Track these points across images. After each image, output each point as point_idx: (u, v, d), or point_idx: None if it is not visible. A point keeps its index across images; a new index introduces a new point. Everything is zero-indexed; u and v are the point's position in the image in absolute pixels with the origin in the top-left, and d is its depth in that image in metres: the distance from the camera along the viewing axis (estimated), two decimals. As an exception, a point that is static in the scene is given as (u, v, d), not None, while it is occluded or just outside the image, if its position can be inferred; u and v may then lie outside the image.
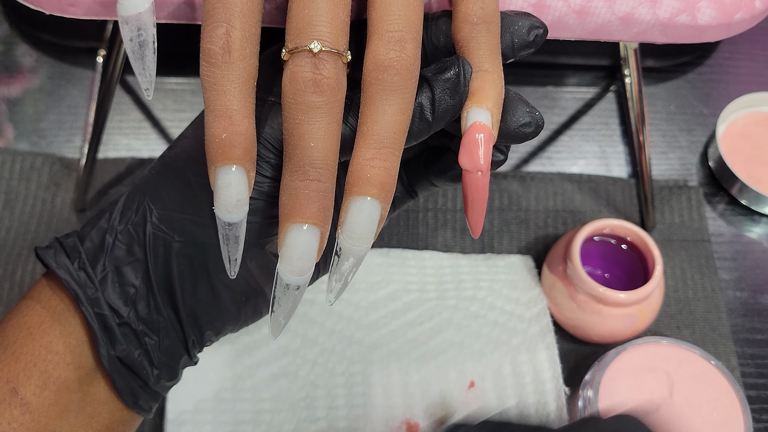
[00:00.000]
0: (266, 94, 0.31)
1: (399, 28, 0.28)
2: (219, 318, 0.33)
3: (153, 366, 0.32)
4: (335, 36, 0.27)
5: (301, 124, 0.27)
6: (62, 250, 0.32)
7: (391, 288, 0.54)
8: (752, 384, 0.53)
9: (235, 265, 0.30)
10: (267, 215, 0.31)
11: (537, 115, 0.31)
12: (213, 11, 0.27)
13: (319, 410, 0.50)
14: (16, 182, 0.56)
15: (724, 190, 0.61)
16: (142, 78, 0.31)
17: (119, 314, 0.31)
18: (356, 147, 0.28)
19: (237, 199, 0.28)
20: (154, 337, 0.32)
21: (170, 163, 0.32)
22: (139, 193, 0.32)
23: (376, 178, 0.28)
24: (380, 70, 0.27)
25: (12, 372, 0.31)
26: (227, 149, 0.27)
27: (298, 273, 0.28)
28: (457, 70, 0.29)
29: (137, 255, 0.31)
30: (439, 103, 0.29)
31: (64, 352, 0.31)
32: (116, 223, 0.32)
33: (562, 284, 0.52)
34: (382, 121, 0.28)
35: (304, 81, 0.27)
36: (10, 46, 0.63)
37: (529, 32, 0.31)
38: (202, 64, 0.28)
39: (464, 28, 0.29)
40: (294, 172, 0.28)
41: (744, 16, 0.39)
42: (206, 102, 0.28)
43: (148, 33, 0.30)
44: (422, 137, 0.30)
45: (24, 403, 0.30)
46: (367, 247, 0.28)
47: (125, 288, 0.31)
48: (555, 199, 0.59)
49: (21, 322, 0.32)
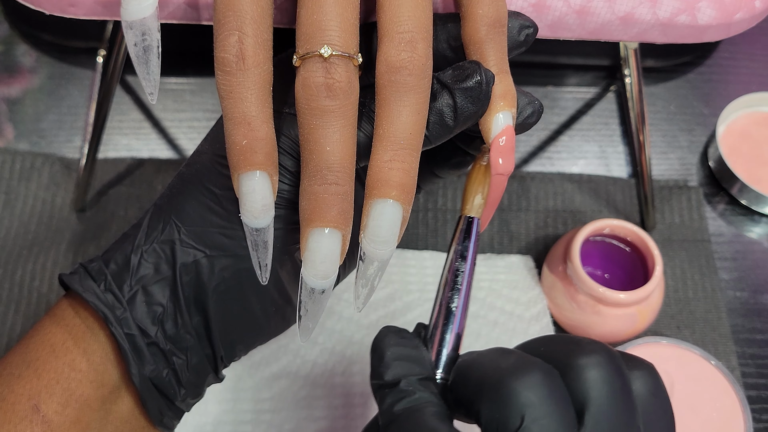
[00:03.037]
0: (281, 106, 0.31)
1: (409, 29, 0.28)
2: (250, 330, 0.33)
3: (180, 385, 0.32)
4: (345, 39, 0.27)
5: (316, 129, 0.27)
6: (87, 274, 0.32)
7: (391, 288, 0.54)
8: (752, 384, 0.53)
9: (266, 271, 0.30)
10: (290, 222, 0.31)
11: (537, 103, 0.31)
12: (224, 20, 0.28)
13: (319, 410, 0.50)
14: (16, 182, 0.56)
15: (724, 190, 0.61)
16: (147, 82, 0.31)
17: (147, 334, 0.31)
18: (374, 150, 0.28)
19: (262, 204, 0.28)
20: (181, 356, 0.31)
21: (192, 179, 0.32)
22: (163, 213, 0.32)
23: (396, 180, 0.28)
24: (393, 71, 0.27)
25: (34, 389, 0.30)
26: (249, 155, 0.28)
27: (322, 277, 0.28)
28: (479, 78, 0.29)
29: (164, 273, 0.31)
30: (461, 111, 0.29)
31: (87, 370, 0.31)
32: (142, 243, 0.31)
33: (562, 284, 0.52)
34: (398, 122, 0.28)
35: (316, 86, 0.27)
36: (10, 46, 0.63)
37: (519, 32, 0.31)
38: (218, 73, 0.28)
39: (482, 30, 0.29)
40: (312, 176, 0.28)
41: (744, 16, 0.39)
42: (224, 110, 0.28)
43: (153, 38, 0.30)
44: (441, 141, 0.30)
45: (46, 421, 0.30)
46: (392, 250, 0.28)
47: (152, 307, 0.31)
48: (555, 199, 0.59)
49: (44, 340, 0.32)
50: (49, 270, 0.53)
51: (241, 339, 0.33)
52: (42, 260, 0.53)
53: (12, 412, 0.30)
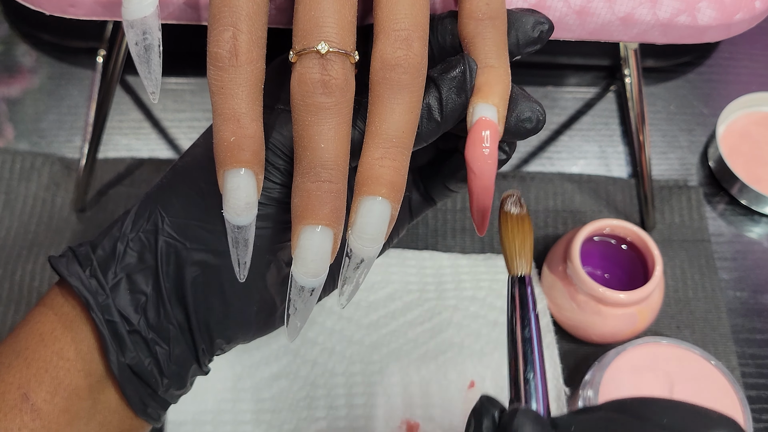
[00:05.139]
0: (274, 102, 0.30)
1: (405, 27, 0.27)
2: (230, 326, 0.32)
3: (162, 375, 0.32)
4: (342, 36, 0.27)
5: (311, 125, 0.27)
6: (75, 258, 0.32)
7: (391, 288, 0.54)
8: (752, 384, 0.53)
9: (245, 269, 0.30)
10: (278, 221, 0.31)
11: (538, 110, 0.30)
12: (219, 15, 0.27)
13: (319, 410, 0.50)
14: (16, 182, 0.56)
15: (724, 190, 0.61)
16: (148, 81, 0.31)
17: (129, 322, 0.31)
18: (365, 146, 0.28)
19: (246, 201, 0.28)
20: (164, 345, 0.32)
21: (182, 171, 0.32)
22: (151, 202, 0.32)
23: (386, 177, 0.27)
24: (388, 69, 0.27)
25: (24, 378, 0.31)
26: (236, 152, 0.27)
27: (312, 275, 0.28)
28: (462, 68, 0.29)
29: (148, 263, 0.31)
30: (446, 102, 0.29)
31: (75, 359, 0.31)
32: (128, 231, 0.32)
33: (562, 284, 0.52)
34: (391, 120, 0.27)
35: (312, 82, 0.27)
36: (10, 46, 0.63)
37: (533, 28, 0.30)
38: (210, 68, 0.28)
39: (470, 25, 0.29)
40: (305, 173, 0.27)
41: (744, 17, 0.39)
42: (214, 106, 0.28)
43: (154, 37, 0.30)
44: (432, 138, 0.30)
45: (35, 409, 0.30)
46: (378, 247, 0.28)
47: (136, 295, 0.31)
48: (555, 199, 0.59)
49: (33, 329, 0.32)
50: (49, 270, 0.53)
51: (221, 334, 0.32)
52: (42, 260, 0.53)
53: (2, 401, 0.30)
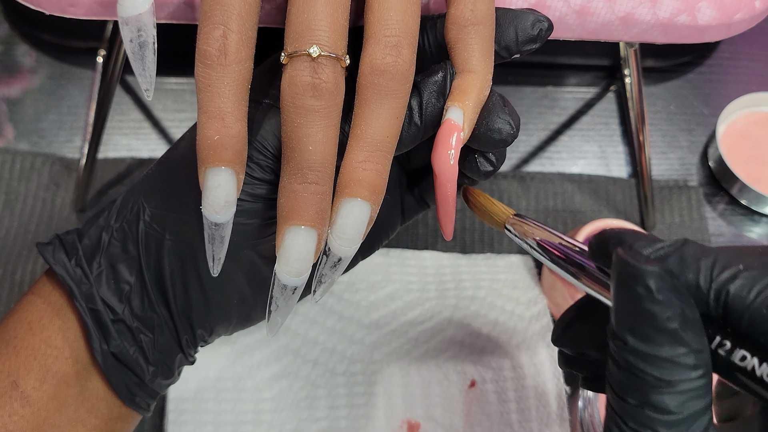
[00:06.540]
0: (261, 96, 0.31)
1: (396, 33, 0.28)
2: (210, 318, 0.33)
3: (148, 363, 0.33)
4: (334, 40, 0.27)
5: (300, 127, 0.27)
6: (61, 246, 0.33)
7: (392, 288, 0.54)
8: (752, 384, 0.53)
9: (219, 264, 0.30)
10: (259, 217, 0.31)
11: (509, 122, 0.30)
12: (210, 13, 0.28)
13: (320, 410, 0.50)
14: (16, 182, 0.56)
15: (724, 190, 0.61)
16: (142, 79, 0.31)
17: (114, 310, 0.32)
18: (348, 149, 0.28)
19: (225, 200, 0.28)
20: (148, 334, 0.32)
21: (166, 163, 0.33)
22: (135, 192, 0.33)
23: (368, 181, 0.28)
24: (376, 74, 0.27)
25: (13, 366, 0.31)
26: (218, 151, 0.28)
27: (295, 274, 0.28)
28: (443, 73, 0.29)
29: (131, 252, 0.32)
30: (426, 106, 0.30)
31: (62, 347, 0.32)
32: (113, 221, 0.32)
33: (561, 284, 0.52)
34: (376, 124, 0.28)
35: (303, 85, 0.27)
36: (10, 46, 0.63)
37: (533, 26, 0.31)
38: (198, 65, 0.28)
39: (452, 30, 0.30)
40: (292, 175, 0.28)
41: (744, 16, 0.39)
42: (199, 103, 0.28)
43: (149, 34, 0.30)
44: (414, 143, 0.30)
45: (24, 396, 0.31)
46: (356, 247, 0.29)
47: (120, 285, 0.32)
48: (555, 199, 0.59)
49: (22, 317, 0.33)
50: (49, 270, 0.53)
51: (200, 324, 0.33)
52: (42, 260, 0.53)
53: None
